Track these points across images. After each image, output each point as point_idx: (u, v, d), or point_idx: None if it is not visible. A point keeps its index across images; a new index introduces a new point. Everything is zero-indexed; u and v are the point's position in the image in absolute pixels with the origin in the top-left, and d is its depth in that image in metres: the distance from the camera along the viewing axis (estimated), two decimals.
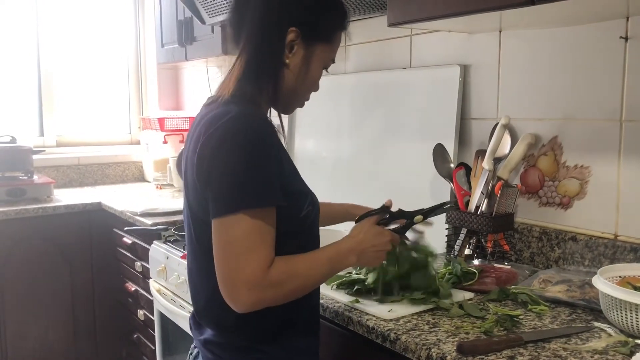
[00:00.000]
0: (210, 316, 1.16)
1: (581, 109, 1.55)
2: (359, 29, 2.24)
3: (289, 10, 1.14)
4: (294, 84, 1.18)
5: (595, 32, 1.50)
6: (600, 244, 1.50)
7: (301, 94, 1.22)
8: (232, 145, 1.03)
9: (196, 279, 1.19)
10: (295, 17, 1.14)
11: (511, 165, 1.64)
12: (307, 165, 2.48)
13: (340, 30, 1.22)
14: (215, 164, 1.04)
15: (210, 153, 1.04)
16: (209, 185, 1.05)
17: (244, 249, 1.01)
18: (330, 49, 1.21)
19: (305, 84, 1.20)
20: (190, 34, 2.76)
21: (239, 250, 1.01)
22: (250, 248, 1.01)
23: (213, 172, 1.04)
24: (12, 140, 3.05)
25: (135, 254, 2.66)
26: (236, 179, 1.02)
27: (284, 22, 1.13)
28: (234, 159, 1.02)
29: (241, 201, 1.01)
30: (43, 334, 2.86)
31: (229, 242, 1.02)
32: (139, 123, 3.81)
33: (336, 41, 1.22)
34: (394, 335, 1.18)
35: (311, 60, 1.17)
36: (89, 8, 3.62)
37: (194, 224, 1.14)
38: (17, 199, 2.87)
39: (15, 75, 3.42)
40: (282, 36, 1.13)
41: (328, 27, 1.19)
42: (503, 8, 1.30)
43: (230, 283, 1.03)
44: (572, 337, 1.14)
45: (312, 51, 1.17)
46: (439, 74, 1.89)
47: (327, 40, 1.19)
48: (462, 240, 1.69)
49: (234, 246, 1.02)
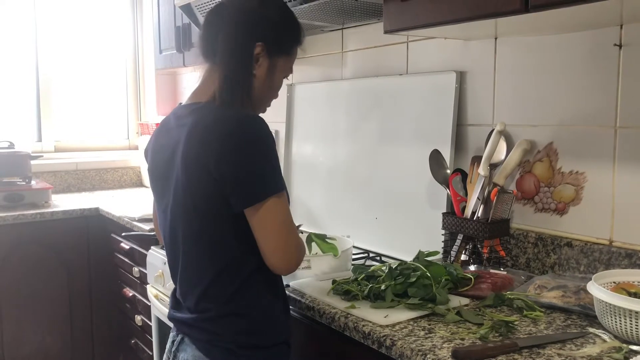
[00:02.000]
0: (211, 295, 1.28)
1: (576, 116, 1.56)
2: (356, 35, 2.25)
3: (257, 28, 1.30)
4: (260, 92, 1.34)
5: (590, 40, 1.51)
6: (595, 250, 1.51)
7: (266, 100, 1.40)
8: (248, 146, 1.19)
9: (195, 269, 1.30)
10: (261, 34, 1.30)
11: (507, 171, 1.65)
12: (304, 170, 2.49)
13: (297, 45, 1.39)
14: (236, 165, 1.19)
15: (229, 156, 1.19)
16: (232, 179, 1.19)
17: (288, 223, 1.24)
18: (289, 61, 1.39)
19: (269, 92, 1.38)
20: (188, 40, 2.77)
21: (284, 225, 1.23)
22: (291, 221, 1.25)
23: (236, 171, 1.19)
24: (11, 145, 3.05)
25: (132, 260, 2.66)
26: (259, 173, 1.20)
27: (252, 38, 1.29)
28: (259, 157, 1.20)
29: (273, 187, 1.21)
30: (40, 339, 2.86)
31: (277, 220, 1.22)
32: (137, 128, 3.82)
33: (294, 54, 1.40)
34: (389, 341, 1.19)
35: (274, 71, 1.35)
36: (87, 14, 3.63)
37: (200, 219, 1.25)
38: (15, 204, 2.87)
39: (13, 80, 3.42)
40: (251, 51, 1.29)
41: (288, 42, 1.37)
42: (498, 15, 1.31)
43: (291, 250, 1.25)
44: (567, 343, 1.15)
45: (274, 63, 1.34)
46: (435, 80, 1.90)
47: (287, 53, 1.37)
48: (459, 246, 1.70)
49: (280, 223, 1.22)
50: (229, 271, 1.26)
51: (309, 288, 1.52)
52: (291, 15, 1.39)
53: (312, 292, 1.49)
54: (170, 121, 1.36)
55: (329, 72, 2.40)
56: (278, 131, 2.68)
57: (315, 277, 1.62)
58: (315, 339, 1.47)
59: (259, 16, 1.30)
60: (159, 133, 1.39)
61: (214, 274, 1.27)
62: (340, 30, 2.31)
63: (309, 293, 1.49)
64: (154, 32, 3.19)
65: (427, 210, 1.89)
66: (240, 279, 1.26)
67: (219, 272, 1.26)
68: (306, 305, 1.44)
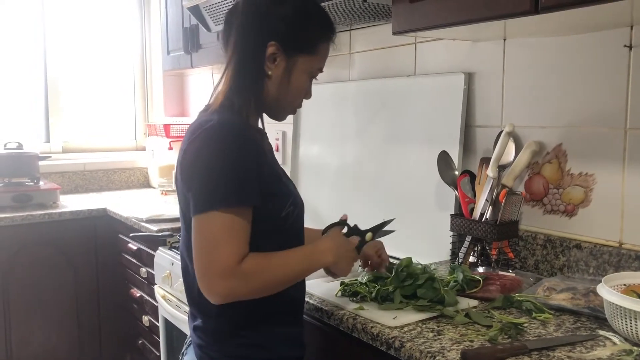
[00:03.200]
0: (199, 305, 1.25)
1: (585, 117, 1.55)
2: (364, 36, 2.25)
3: (269, 26, 1.23)
4: (276, 93, 1.27)
5: (600, 41, 1.50)
6: (604, 252, 1.50)
7: (287, 102, 1.31)
8: (210, 150, 1.14)
9: (187, 275, 1.28)
10: (274, 32, 1.23)
11: (515, 173, 1.64)
12: (312, 171, 2.49)
13: (323, 42, 1.30)
14: (195, 167, 1.15)
15: (191, 157, 1.16)
16: (190, 186, 1.16)
17: (216, 243, 1.11)
18: (314, 60, 1.29)
19: (289, 93, 1.28)
20: (196, 42, 2.78)
21: (212, 244, 1.11)
22: (222, 242, 1.10)
23: (193, 174, 1.15)
24: (19, 146, 3.07)
25: (140, 260, 2.66)
26: (211, 181, 1.12)
27: (264, 37, 1.23)
28: (211, 163, 1.13)
29: (215, 201, 1.11)
30: (47, 339, 2.87)
31: (204, 237, 1.12)
32: (144, 129, 3.83)
33: (320, 52, 1.29)
34: (398, 342, 1.18)
35: (293, 71, 1.26)
36: (95, 15, 3.64)
37: (186, 222, 1.24)
38: (23, 204, 2.88)
39: (22, 82, 3.44)
40: (262, 50, 1.23)
41: (309, 39, 1.27)
42: (507, 17, 1.31)
43: (204, 274, 1.12)
44: (576, 346, 1.14)
45: (293, 62, 1.26)
46: (444, 81, 1.89)
47: (309, 51, 1.27)
48: (467, 248, 1.69)
49: (207, 241, 1.11)
50: None
51: (317, 289, 1.52)
52: (313, 10, 1.29)
53: (321, 293, 1.49)
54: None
55: (336, 73, 2.40)
56: (286, 132, 2.68)
57: (323, 278, 1.62)
58: (323, 340, 1.47)
59: (271, 14, 1.23)
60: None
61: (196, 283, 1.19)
62: (348, 31, 2.32)
63: (317, 294, 1.49)
64: (162, 33, 3.20)
65: (435, 212, 1.88)
66: None
67: None
68: (314, 307, 1.44)
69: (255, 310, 1.22)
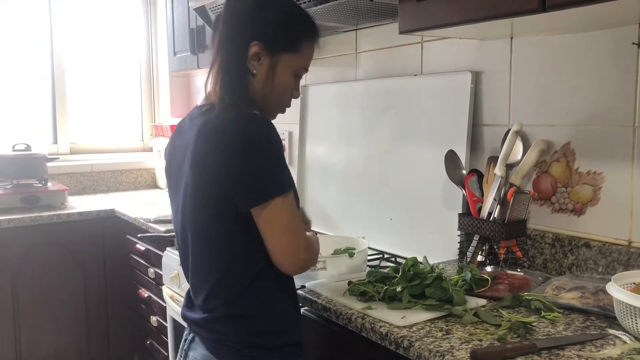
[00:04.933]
0: (216, 296, 1.29)
1: (594, 115, 1.55)
2: (370, 36, 2.25)
3: (253, 29, 1.28)
4: (262, 91, 1.31)
5: (608, 39, 1.50)
6: (613, 251, 1.50)
7: (274, 100, 1.35)
8: (252, 147, 1.18)
9: (202, 269, 1.31)
10: (257, 32, 1.28)
11: (523, 172, 1.64)
12: (318, 171, 2.49)
13: (307, 41, 1.34)
14: (241, 166, 1.19)
15: (234, 158, 1.19)
16: (239, 180, 1.19)
17: (293, 224, 1.23)
18: (297, 58, 1.33)
19: (274, 91, 1.33)
20: (202, 42, 2.78)
21: (290, 226, 1.22)
22: (295, 222, 1.23)
23: (241, 172, 1.19)
24: (27, 147, 3.09)
25: (148, 261, 2.67)
26: (267, 172, 1.20)
27: (245, 37, 1.27)
28: (261, 155, 1.19)
29: (276, 189, 1.20)
30: (56, 339, 2.88)
31: (279, 222, 1.21)
32: (151, 130, 3.85)
33: (304, 51, 1.34)
34: (407, 342, 1.18)
35: (276, 69, 1.31)
36: (101, 16, 3.66)
37: (207, 219, 1.26)
38: (32, 206, 2.90)
39: (29, 84, 3.46)
40: (244, 49, 1.28)
41: (292, 38, 1.32)
42: (515, 15, 1.30)
43: (298, 251, 1.23)
44: (586, 345, 1.14)
45: (276, 61, 1.30)
46: (451, 80, 1.89)
47: (292, 49, 1.32)
48: (475, 247, 1.69)
49: (285, 224, 1.21)
50: (235, 271, 1.27)
51: (325, 289, 1.52)
52: (295, 10, 1.35)
53: (328, 293, 1.49)
54: (185, 122, 1.38)
55: (342, 73, 2.40)
56: (292, 132, 2.68)
57: (330, 278, 1.62)
58: (331, 340, 1.47)
59: (253, 14, 1.29)
60: (175, 134, 1.41)
61: (220, 273, 1.27)
62: (354, 31, 2.31)
63: (324, 294, 1.49)
64: (168, 34, 3.21)
65: (443, 211, 1.88)
66: (248, 280, 1.26)
67: (225, 272, 1.27)
68: (322, 306, 1.44)
69: (268, 295, 1.28)
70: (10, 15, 3.35)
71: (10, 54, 3.37)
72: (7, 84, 3.38)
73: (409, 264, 1.46)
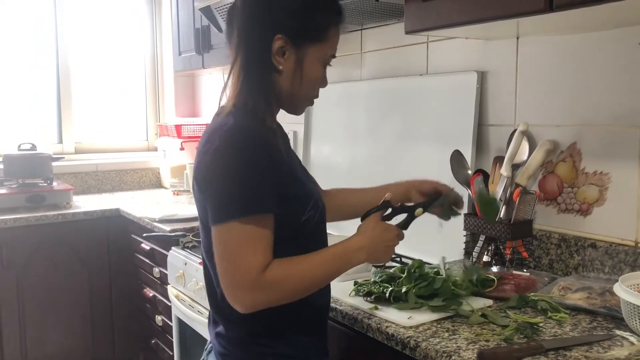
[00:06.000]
0: (222, 311, 1.22)
1: (600, 115, 1.54)
2: (375, 36, 2.25)
3: (272, 19, 1.17)
4: (290, 87, 1.21)
5: (614, 39, 1.49)
6: (620, 251, 1.49)
7: (303, 94, 1.24)
8: (224, 157, 1.10)
9: (209, 282, 1.26)
10: (279, 25, 1.17)
11: (529, 172, 1.64)
12: (323, 171, 2.49)
13: (332, 27, 1.22)
14: (211, 176, 1.11)
15: (206, 165, 1.12)
16: (207, 195, 1.13)
17: (238, 254, 1.08)
18: (325, 47, 1.22)
19: (304, 85, 1.22)
20: (207, 42, 2.79)
21: (234, 255, 1.09)
22: (244, 253, 1.08)
23: (210, 182, 1.11)
24: (33, 147, 3.10)
25: (153, 260, 2.68)
26: (228, 190, 1.09)
27: (268, 31, 1.17)
28: (227, 171, 1.09)
29: (233, 210, 1.08)
30: (62, 338, 2.89)
31: (225, 248, 1.10)
32: (156, 130, 3.85)
33: (330, 38, 1.22)
34: (413, 342, 1.18)
35: (304, 62, 1.20)
36: (106, 16, 3.66)
37: (204, 229, 1.21)
38: (37, 205, 2.91)
39: (34, 83, 3.47)
40: (268, 45, 1.17)
41: (316, 27, 1.20)
42: (522, 15, 1.30)
43: (228, 285, 1.10)
44: (593, 345, 1.14)
45: (304, 53, 1.19)
46: (456, 80, 1.89)
47: (318, 39, 1.20)
48: (481, 247, 1.69)
49: (229, 252, 1.09)
50: None
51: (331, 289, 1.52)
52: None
53: (334, 293, 1.48)
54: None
55: (347, 72, 2.39)
56: (297, 132, 2.69)
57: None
58: (337, 340, 1.47)
59: (274, 6, 1.17)
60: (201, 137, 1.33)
61: (221, 291, 1.17)
62: (359, 31, 2.31)
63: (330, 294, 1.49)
64: (173, 34, 3.22)
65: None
66: None
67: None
68: None
69: (279, 318, 1.19)
70: (16, 15, 3.36)
71: (15, 54, 3.38)
72: (13, 83, 3.39)
73: (414, 265, 1.46)
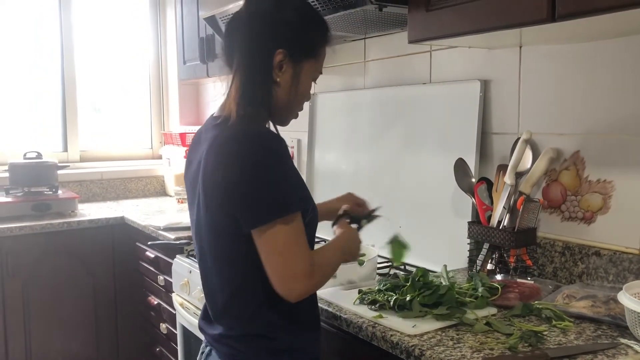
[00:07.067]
0: (229, 313, 1.27)
1: (603, 124, 1.55)
2: (378, 44, 2.26)
3: (275, 34, 1.24)
4: (286, 99, 1.28)
5: (617, 48, 1.50)
6: (624, 259, 1.49)
7: (294, 107, 1.33)
8: (254, 162, 1.15)
9: (214, 284, 1.30)
10: (281, 39, 1.24)
11: (533, 180, 1.64)
12: (327, 179, 2.50)
13: (324, 46, 1.32)
14: (244, 182, 1.15)
15: (238, 177, 1.16)
16: (237, 202, 1.17)
17: (289, 248, 1.16)
18: (317, 63, 1.32)
19: (297, 97, 1.30)
20: (212, 51, 2.80)
21: (288, 251, 1.16)
22: (296, 247, 1.17)
23: (244, 191, 1.16)
24: (38, 156, 3.11)
25: (157, 268, 2.69)
26: (267, 193, 1.15)
27: (270, 46, 1.24)
28: (262, 175, 1.15)
29: (276, 211, 1.15)
30: (66, 346, 2.90)
31: (275, 246, 1.16)
32: (160, 138, 3.87)
33: (322, 55, 1.33)
34: (418, 350, 1.19)
35: (300, 77, 1.28)
36: (111, 25, 3.69)
37: (215, 237, 1.24)
38: (43, 213, 2.92)
39: (39, 92, 3.49)
40: (270, 58, 1.24)
41: (312, 44, 1.29)
42: (524, 25, 1.31)
43: (285, 277, 1.17)
44: (598, 354, 1.14)
45: (300, 68, 1.27)
46: (459, 89, 1.90)
47: (313, 56, 1.30)
48: (485, 255, 1.69)
49: (283, 248, 1.16)
50: (246, 290, 1.24)
51: (335, 297, 1.53)
52: (314, 15, 1.32)
53: (338, 302, 1.50)
54: (200, 134, 1.34)
55: (351, 81, 2.41)
56: (301, 140, 2.70)
57: (340, 286, 1.63)
58: (341, 349, 1.48)
59: (276, 21, 1.24)
60: (191, 146, 1.38)
61: (231, 291, 1.25)
62: (362, 39, 2.33)
63: (335, 302, 1.50)
64: (178, 43, 3.24)
65: (452, 219, 1.88)
66: (260, 299, 1.23)
67: (236, 290, 1.25)
68: (332, 315, 1.45)
69: (283, 313, 1.25)
70: (22, 25, 3.39)
71: (21, 63, 3.41)
72: (18, 92, 3.42)
73: (418, 274, 1.47)
